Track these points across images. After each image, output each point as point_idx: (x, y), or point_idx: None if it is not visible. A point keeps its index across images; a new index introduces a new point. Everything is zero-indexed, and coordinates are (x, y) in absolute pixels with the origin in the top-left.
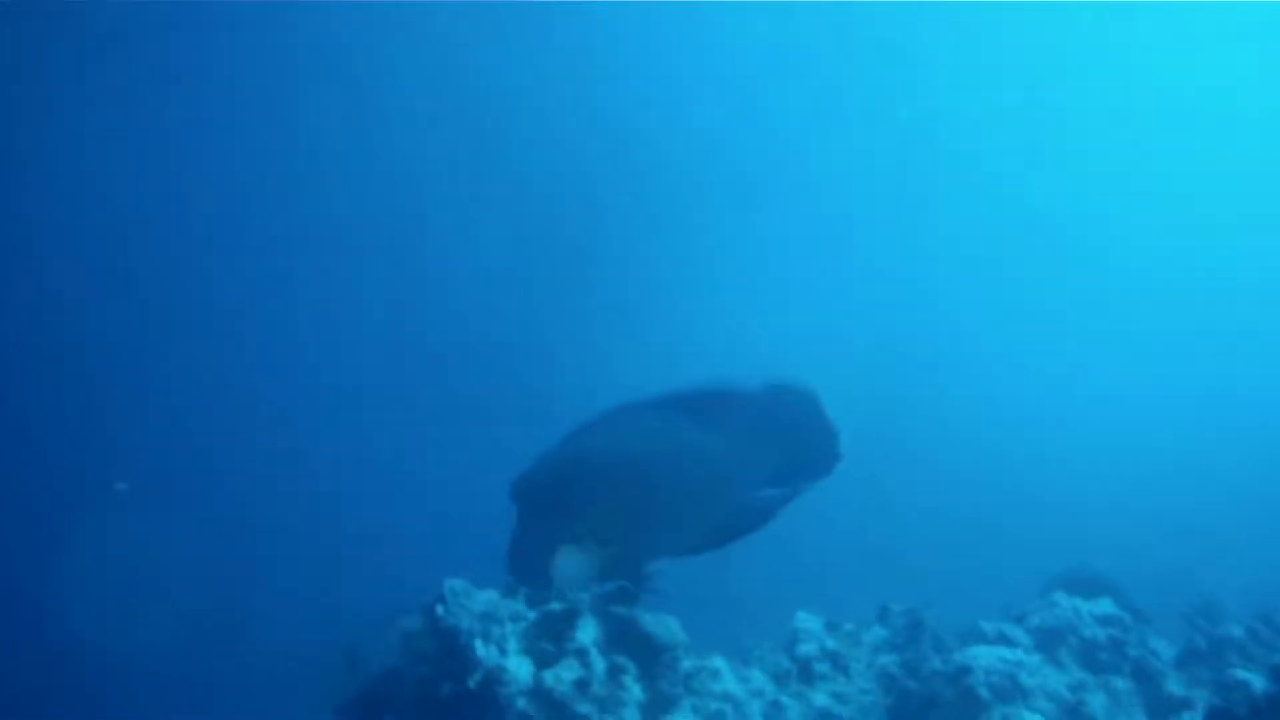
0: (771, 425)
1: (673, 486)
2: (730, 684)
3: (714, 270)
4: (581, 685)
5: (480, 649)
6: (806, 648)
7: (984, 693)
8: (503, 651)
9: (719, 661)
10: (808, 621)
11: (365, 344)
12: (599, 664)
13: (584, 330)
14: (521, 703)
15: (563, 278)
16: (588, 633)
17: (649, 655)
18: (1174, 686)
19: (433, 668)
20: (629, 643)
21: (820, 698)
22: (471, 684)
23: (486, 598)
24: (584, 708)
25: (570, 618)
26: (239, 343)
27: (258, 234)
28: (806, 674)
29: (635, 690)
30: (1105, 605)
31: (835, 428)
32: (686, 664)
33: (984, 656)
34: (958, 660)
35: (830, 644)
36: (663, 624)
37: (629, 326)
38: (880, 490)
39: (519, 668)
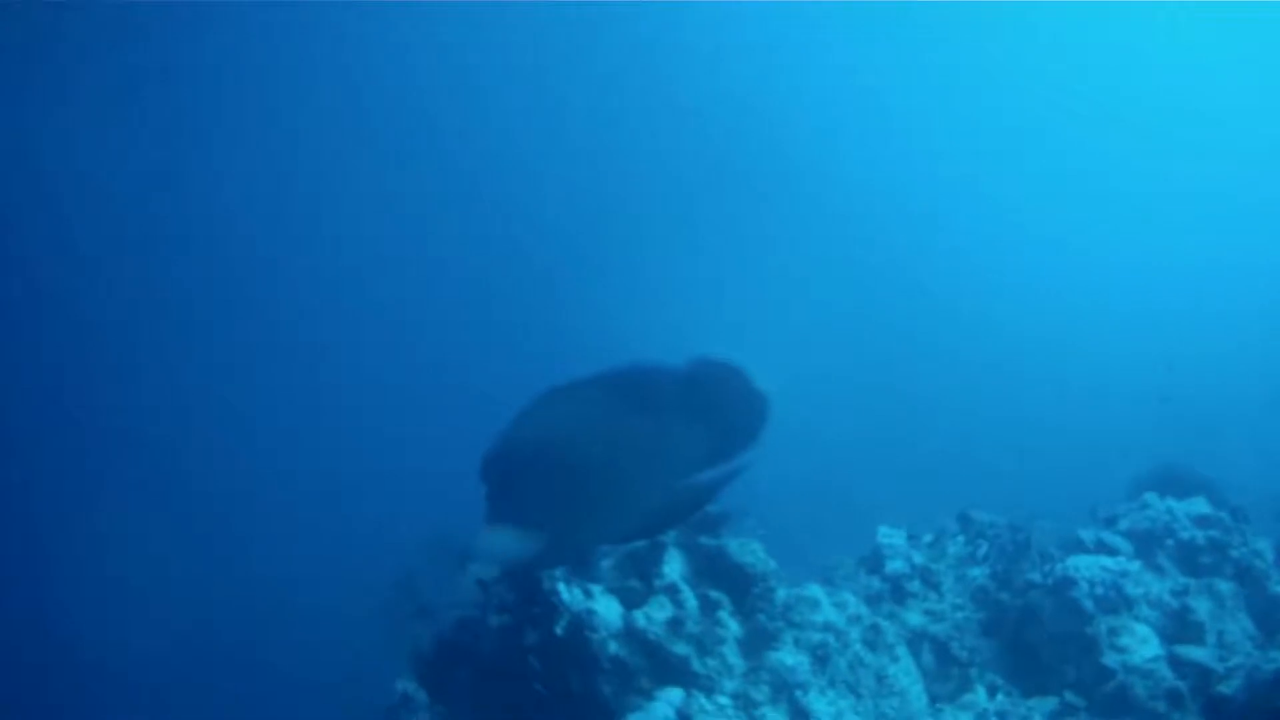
0: (698, 402)
1: (605, 470)
2: (829, 612)
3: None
4: (675, 625)
5: (565, 593)
6: (895, 565)
7: (1088, 605)
8: (588, 594)
9: (815, 589)
10: (891, 536)
11: (361, 326)
12: (691, 600)
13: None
14: (613, 647)
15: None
16: (675, 567)
17: (741, 587)
18: None
19: (514, 616)
20: (719, 575)
21: (914, 617)
22: (559, 630)
23: None
24: (680, 648)
25: (656, 552)
26: (240, 330)
27: (257, 231)
28: (898, 593)
29: (732, 626)
30: (1200, 505)
31: (764, 394)
32: (781, 594)
33: (1086, 567)
34: (1059, 572)
35: (917, 559)
36: (751, 551)
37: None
38: (912, 400)
39: (608, 610)
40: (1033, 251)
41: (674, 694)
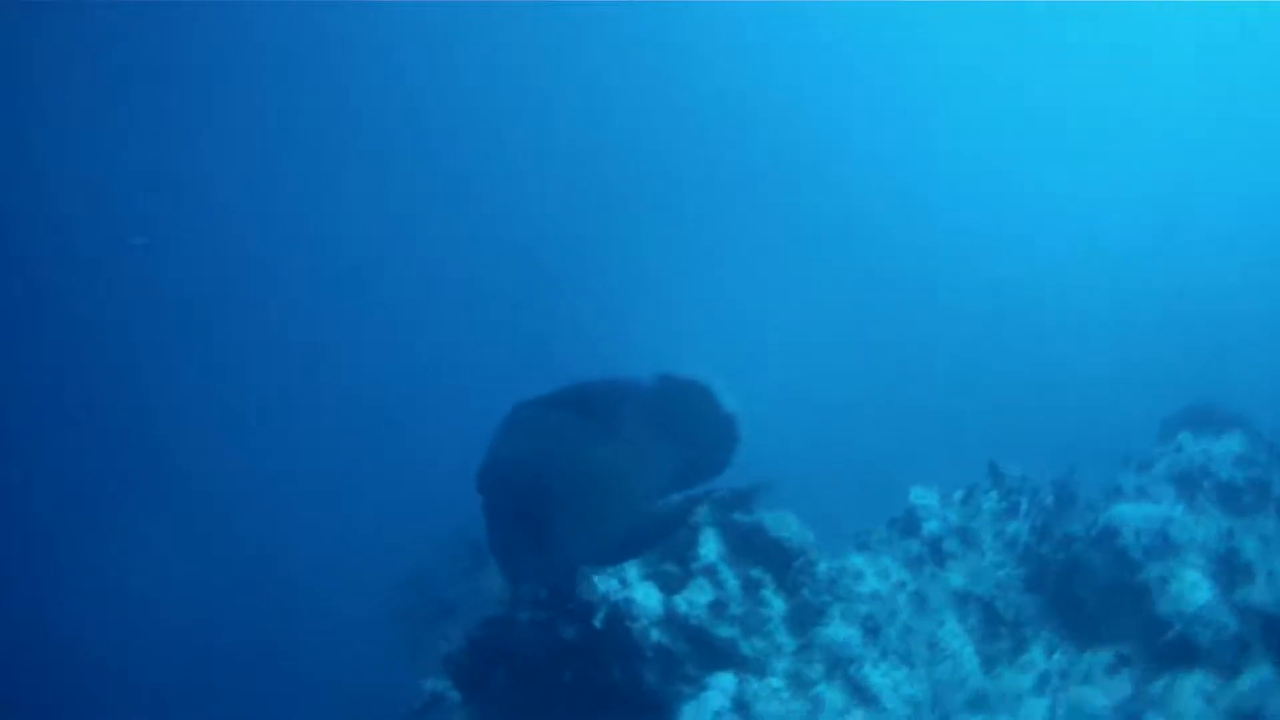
0: (664, 421)
1: (569, 493)
2: (873, 581)
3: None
4: (718, 607)
5: (600, 582)
6: (931, 526)
7: (1135, 553)
8: (623, 582)
9: (856, 559)
10: (924, 497)
11: (365, 322)
12: (731, 581)
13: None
14: (656, 635)
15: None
16: (711, 547)
17: (781, 563)
18: None
19: (548, 610)
20: (757, 552)
21: (956, 578)
22: (597, 622)
23: None
24: (725, 631)
25: (691, 533)
26: (243, 333)
27: (263, 228)
28: (938, 555)
29: (776, 604)
30: (1236, 443)
31: (731, 415)
32: (823, 567)
33: (1129, 515)
34: (1103, 522)
35: (953, 518)
36: (786, 525)
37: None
38: (924, 360)
39: (646, 597)
40: (1034, 194)
41: (725, 680)
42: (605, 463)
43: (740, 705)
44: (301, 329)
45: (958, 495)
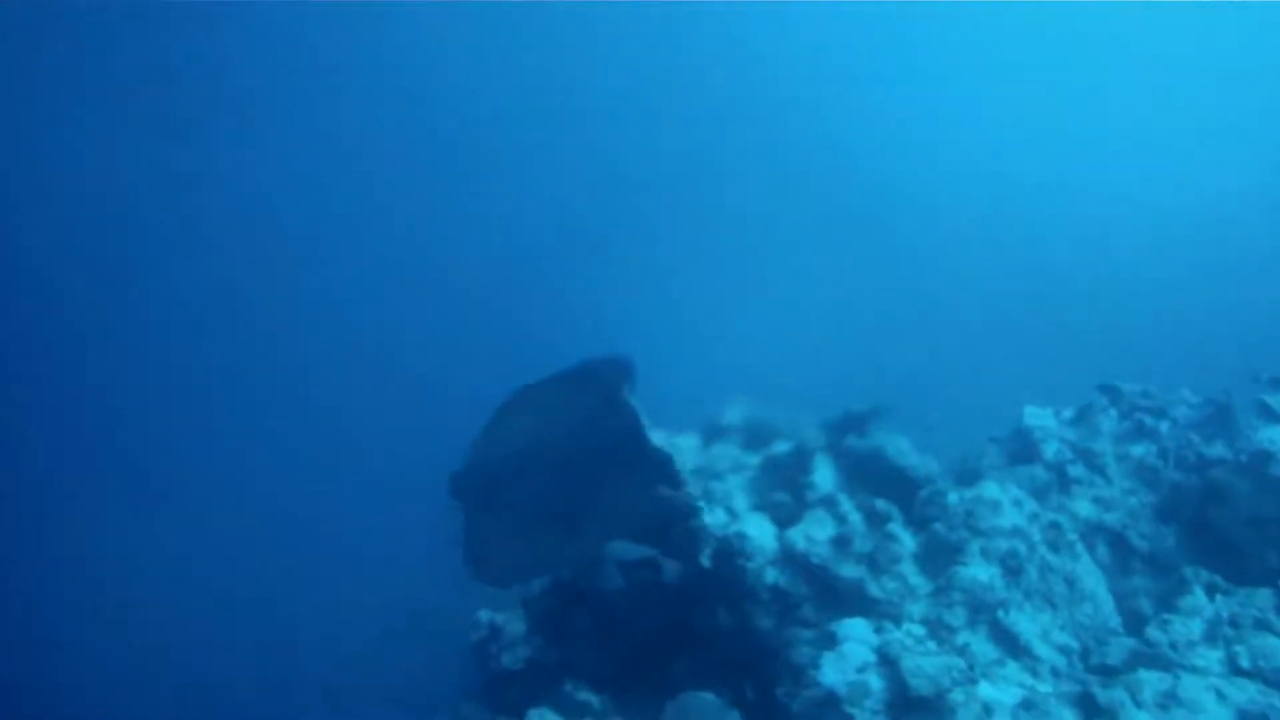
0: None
1: (589, 463)
2: (1012, 514)
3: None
4: (841, 543)
5: (706, 513)
6: (1052, 449)
7: None
8: (732, 513)
9: (992, 488)
10: (1039, 417)
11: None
12: (853, 513)
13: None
14: (772, 575)
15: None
16: (826, 475)
17: (905, 493)
18: None
19: (655, 543)
20: (877, 481)
21: (1083, 506)
22: (704, 560)
23: (688, 445)
24: (850, 570)
25: (803, 459)
26: (248, 335)
27: (259, 229)
28: (1063, 481)
29: (906, 540)
30: None
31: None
32: (953, 498)
33: None
34: (1256, 445)
35: (1071, 436)
36: (905, 451)
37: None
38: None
39: (760, 532)
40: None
41: (857, 626)
42: (617, 435)
43: (886, 660)
44: (304, 326)
45: (1067, 414)
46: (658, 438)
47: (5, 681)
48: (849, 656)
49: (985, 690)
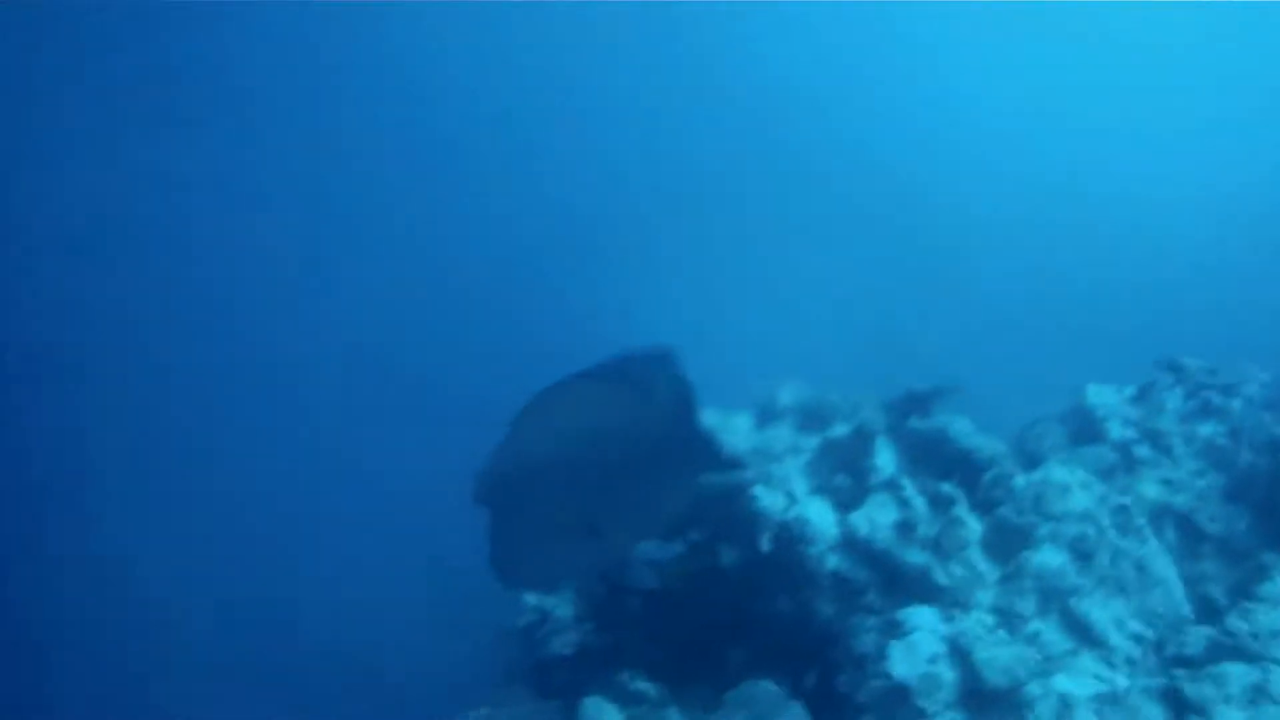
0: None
1: (618, 462)
2: (1082, 497)
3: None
4: (905, 528)
5: (764, 497)
6: (1117, 429)
7: None
8: (791, 497)
9: (1060, 471)
10: (1102, 395)
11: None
12: (917, 497)
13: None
14: (834, 561)
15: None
16: (887, 457)
17: (970, 476)
18: None
19: (704, 532)
20: (941, 463)
21: (1150, 488)
22: (764, 545)
23: (743, 425)
24: (916, 556)
25: (864, 441)
26: (245, 334)
27: (259, 227)
28: (1129, 463)
29: (973, 525)
30: None
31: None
32: (1020, 481)
33: None
34: None
35: (1134, 415)
36: (968, 432)
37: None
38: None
39: (821, 516)
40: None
41: (925, 615)
42: (650, 431)
43: (957, 650)
44: (304, 326)
45: (1127, 392)
46: (710, 418)
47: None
48: (918, 647)
49: (1061, 682)
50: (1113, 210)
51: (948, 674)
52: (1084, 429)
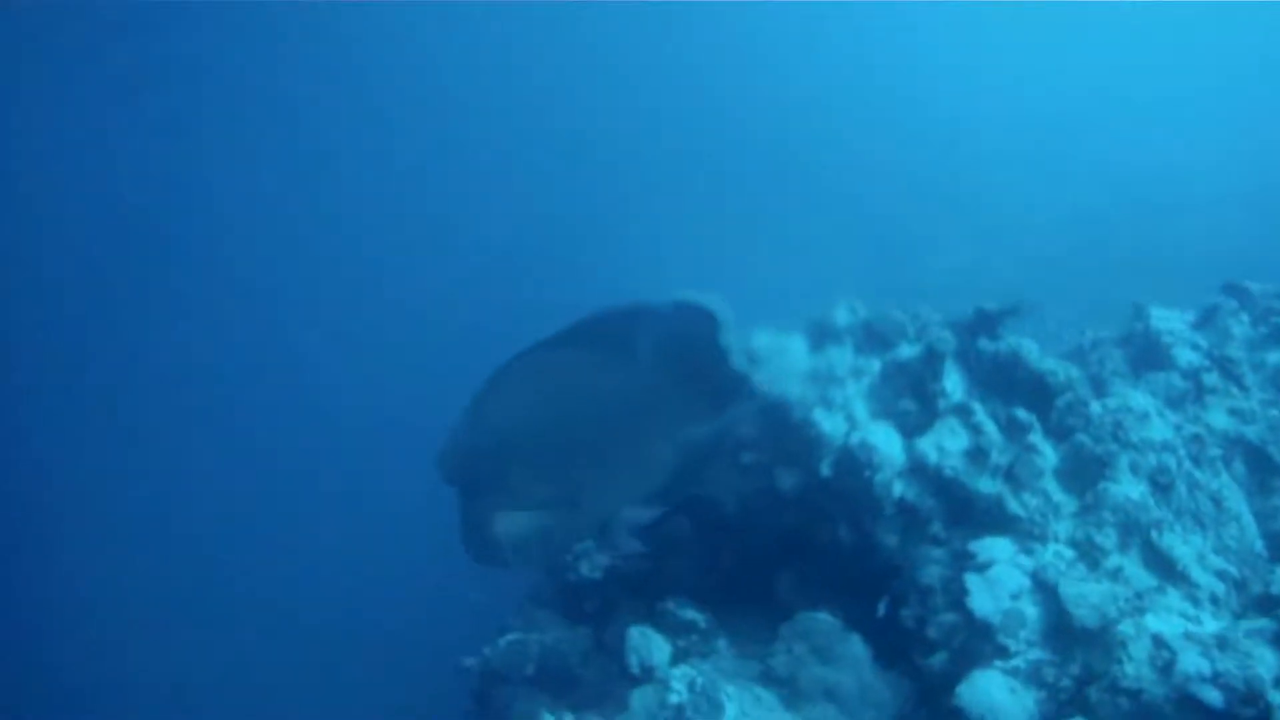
0: (683, 346)
1: (593, 428)
2: (1161, 426)
3: None
4: (976, 455)
5: (824, 421)
6: (1186, 355)
7: None
8: (852, 420)
9: (1138, 397)
10: (1168, 320)
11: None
12: (988, 423)
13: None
14: (900, 488)
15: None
16: (956, 380)
17: (1043, 401)
18: None
19: (762, 454)
20: (1012, 387)
21: (1219, 418)
22: (825, 470)
23: (797, 347)
24: (988, 485)
25: (933, 363)
26: (250, 329)
27: (258, 227)
28: (1198, 390)
29: (1048, 453)
30: None
31: (726, 349)
32: (1096, 407)
33: None
34: None
35: (1203, 342)
36: (1037, 354)
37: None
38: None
39: (887, 441)
40: None
41: (1001, 547)
42: (626, 392)
43: (1042, 585)
44: (305, 324)
45: (1188, 317)
46: (764, 338)
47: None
48: (1001, 581)
49: (1153, 621)
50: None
51: (1030, 610)
52: (1147, 354)
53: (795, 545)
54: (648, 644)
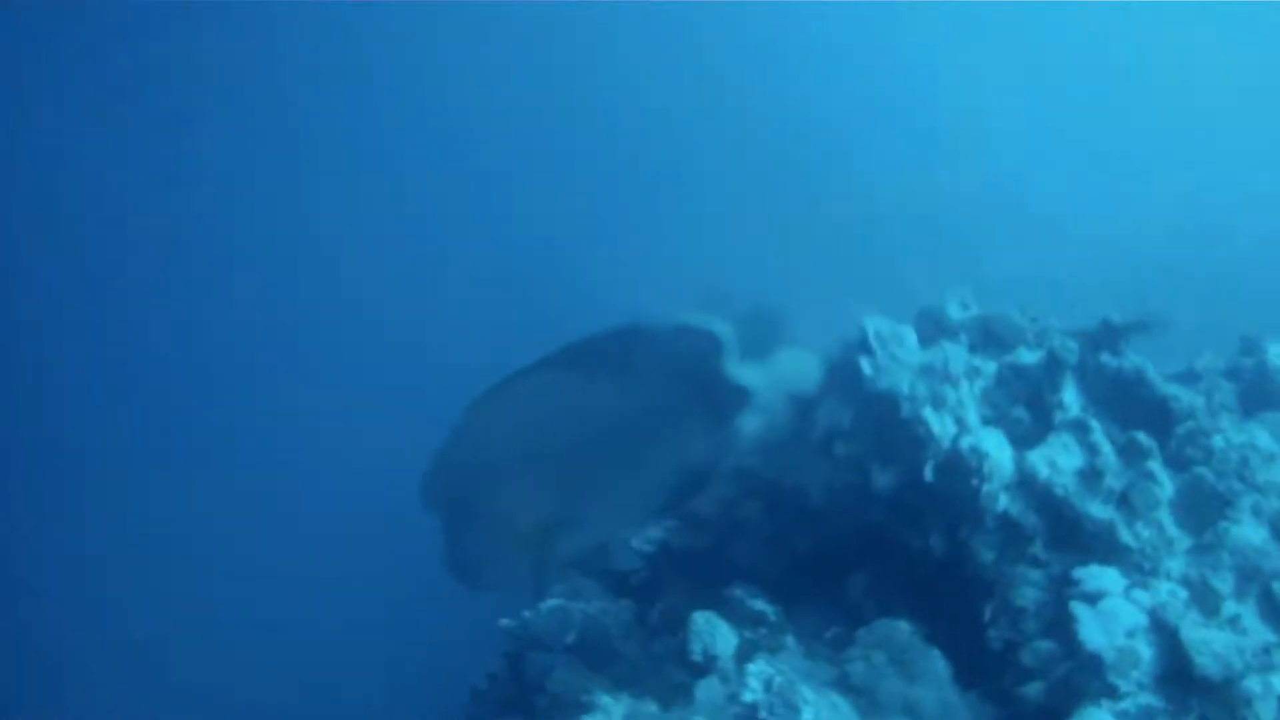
0: (681, 365)
1: (589, 449)
2: None
3: None
4: (1091, 476)
5: (933, 420)
6: None
7: None
8: (961, 424)
9: (1263, 436)
10: None
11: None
12: (1106, 444)
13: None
14: (1004, 501)
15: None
16: (1074, 395)
17: (1161, 427)
18: None
19: (859, 446)
20: (1129, 408)
21: None
22: (928, 473)
23: (909, 338)
24: (1098, 510)
25: (1054, 373)
26: (251, 332)
27: (258, 225)
28: None
29: (1166, 483)
30: None
31: (732, 374)
32: (1219, 440)
33: None
34: None
35: None
36: (1162, 377)
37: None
38: None
39: (998, 449)
40: None
41: (1110, 577)
42: (623, 413)
43: (1160, 625)
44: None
45: None
46: (879, 324)
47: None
48: (1115, 615)
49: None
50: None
51: (1146, 650)
52: (1260, 392)
53: (877, 546)
54: (713, 632)
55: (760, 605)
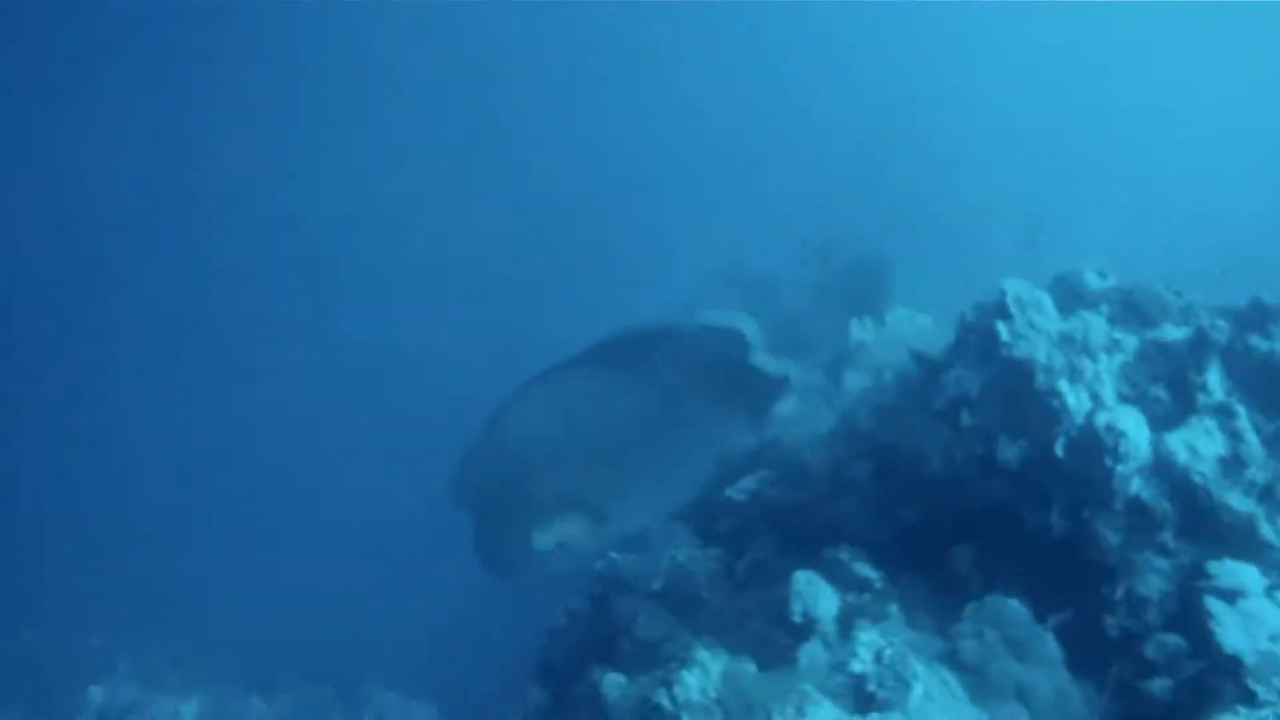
0: (704, 367)
1: (619, 445)
2: None
3: None
4: (1233, 465)
5: (1069, 394)
6: None
7: None
8: (1098, 400)
9: None
10: None
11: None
12: (1250, 432)
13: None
14: (1136, 485)
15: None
16: (1219, 377)
17: None
18: None
19: (986, 417)
20: (1272, 395)
21: None
22: (1058, 449)
23: (1047, 304)
24: (1238, 501)
25: (1200, 352)
26: (251, 332)
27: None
28: None
29: None
30: None
31: (762, 368)
32: None
33: None
34: None
35: None
36: None
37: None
38: None
39: (1136, 429)
40: None
41: (1249, 575)
42: (652, 410)
43: None
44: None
45: None
46: (1018, 288)
47: None
48: (1258, 616)
49: None
50: None
51: None
52: None
53: (991, 520)
54: (815, 593)
55: (865, 570)
